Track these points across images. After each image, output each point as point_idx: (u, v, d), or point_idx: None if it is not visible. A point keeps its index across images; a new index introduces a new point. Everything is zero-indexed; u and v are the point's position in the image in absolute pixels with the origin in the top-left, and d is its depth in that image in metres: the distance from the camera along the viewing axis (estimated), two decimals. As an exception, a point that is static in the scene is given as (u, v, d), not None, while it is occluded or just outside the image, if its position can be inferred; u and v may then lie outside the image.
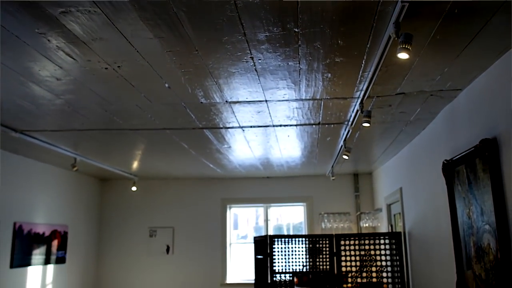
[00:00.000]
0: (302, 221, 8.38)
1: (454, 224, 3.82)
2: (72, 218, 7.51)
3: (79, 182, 7.81)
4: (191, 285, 8.09)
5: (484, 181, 3.19)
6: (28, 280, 6.31)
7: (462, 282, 3.69)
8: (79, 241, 7.71)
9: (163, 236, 8.32)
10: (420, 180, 5.08)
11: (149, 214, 8.44)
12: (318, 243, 6.13)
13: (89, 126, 4.69)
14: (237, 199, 8.44)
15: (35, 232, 6.46)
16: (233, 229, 8.61)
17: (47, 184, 6.87)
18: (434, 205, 4.56)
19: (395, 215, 6.55)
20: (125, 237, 8.41)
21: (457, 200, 3.77)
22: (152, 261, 8.26)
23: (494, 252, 3.07)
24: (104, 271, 8.32)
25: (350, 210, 8.06)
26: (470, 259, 3.52)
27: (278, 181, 8.33)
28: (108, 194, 8.59)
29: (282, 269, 6.15)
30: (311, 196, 8.23)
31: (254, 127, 4.77)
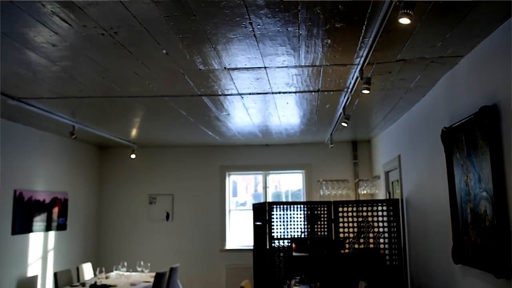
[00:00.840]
0: (301, 188, 8.44)
1: (451, 191, 3.85)
2: (72, 185, 7.56)
3: (78, 150, 7.82)
4: (191, 251, 8.22)
5: (482, 148, 3.19)
6: (30, 246, 6.40)
7: (458, 248, 3.74)
8: (79, 208, 7.79)
9: (163, 203, 8.40)
10: (419, 148, 5.09)
11: (149, 182, 8.49)
12: (317, 210, 6.19)
13: (87, 94, 4.66)
14: (236, 166, 8.48)
15: (36, 199, 6.51)
16: (232, 196, 8.68)
17: (47, 152, 6.88)
18: (432, 172, 4.58)
19: (393, 183, 6.59)
20: (125, 204, 8.48)
21: (455, 167, 3.79)
22: (152, 228, 8.37)
23: (490, 218, 3.11)
24: (105, 238, 8.43)
25: (349, 178, 8.11)
26: (467, 226, 3.56)
27: (277, 148, 8.35)
28: (108, 162, 8.62)
29: (281, 236, 6.23)
30: (310, 164, 8.26)
31: (253, 94, 4.74)
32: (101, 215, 8.50)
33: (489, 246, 3.13)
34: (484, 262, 3.24)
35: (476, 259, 3.39)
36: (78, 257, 7.59)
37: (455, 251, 3.79)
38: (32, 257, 6.44)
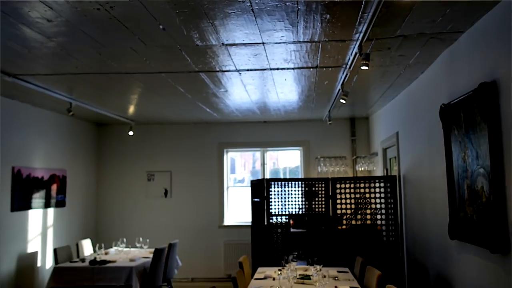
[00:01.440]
0: (299, 165, 8.47)
1: (449, 168, 3.86)
2: (70, 162, 7.56)
3: (76, 127, 7.80)
4: (189, 228, 8.29)
5: (481, 125, 3.19)
6: (30, 223, 6.44)
7: (454, 224, 3.78)
8: (78, 185, 7.81)
9: (161, 180, 8.42)
10: (417, 125, 5.09)
11: (147, 159, 8.50)
12: (314, 186, 6.22)
13: (83, 70, 4.61)
14: (234, 143, 8.48)
15: (34, 176, 6.52)
16: (230, 173, 8.71)
17: (44, 129, 6.86)
18: (430, 149, 4.59)
19: (391, 159, 6.61)
20: (124, 181, 8.51)
21: (453, 144, 3.79)
22: (150, 205, 8.41)
23: (487, 194, 3.12)
24: (104, 214, 8.48)
25: (346, 154, 8.12)
26: (463, 202, 3.58)
27: (275, 125, 8.34)
28: (105, 139, 8.61)
29: (279, 212, 6.27)
30: (308, 140, 8.27)
31: (251, 70, 4.71)
32: (99, 192, 8.53)
33: (485, 222, 3.16)
34: (480, 238, 3.27)
35: (472, 235, 3.43)
36: (77, 234, 7.65)
37: (451, 227, 3.82)
38: (32, 233, 6.49)
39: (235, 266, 7.96)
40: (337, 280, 4.48)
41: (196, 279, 8.18)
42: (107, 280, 5.47)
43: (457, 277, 3.87)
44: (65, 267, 5.56)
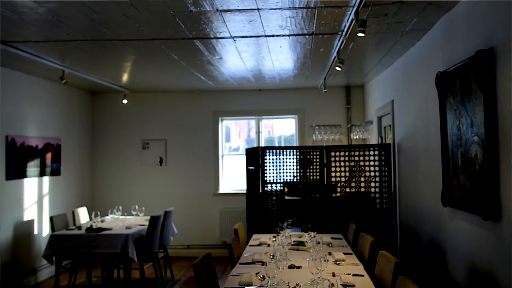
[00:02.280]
0: (294, 134, 8.48)
1: (443, 136, 3.87)
2: (64, 131, 7.53)
3: (69, 95, 7.73)
4: (184, 195, 8.34)
5: (476, 92, 3.18)
6: (25, 192, 6.45)
7: (447, 191, 3.82)
8: (72, 154, 7.80)
9: (156, 148, 8.42)
10: (413, 93, 5.07)
11: (141, 127, 8.47)
12: (309, 155, 6.24)
13: (75, 37, 4.53)
14: (229, 111, 8.45)
15: (28, 145, 6.49)
16: (225, 141, 8.71)
17: (37, 97, 6.79)
18: (425, 117, 4.59)
19: (386, 128, 6.62)
20: (118, 149, 8.50)
21: (448, 112, 3.79)
22: (145, 173, 8.43)
23: (480, 162, 3.14)
24: (99, 183, 8.51)
25: (341, 123, 8.13)
26: (457, 170, 3.61)
27: (270, 93, 8.30)
28: (99, 107, 8.56)
29: (273, 180, 6.31)
30: (303, 109, 8.25)
31: (246, 37, 4.64)
32: (94, 161, 8.53)
33: (478, 189, 3.19)
34: (472, 205, 3.31)
35: (464, 202, 3.47)
36: (73, 202, 7.69)
37: (444, 195, 3.87)
38: (28, 202, 6.51)
39: (230, 233, 8.05)
40: (331, 246, 4.54)
41: (191, 246, 8.29)
42: (104, 247, 5.54)
43: (448, 243, 3.94)
44: (62, 235, 5.61)
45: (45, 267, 6.79)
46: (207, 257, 3.58)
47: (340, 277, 3.29)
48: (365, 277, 3.39)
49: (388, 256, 3.37)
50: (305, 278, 3.22)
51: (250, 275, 3.37)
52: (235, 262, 4.09)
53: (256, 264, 3.83)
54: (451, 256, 3.88)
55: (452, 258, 3.86)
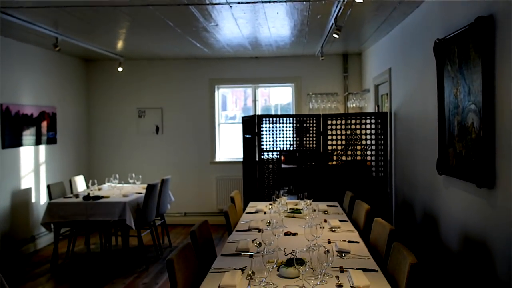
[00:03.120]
0: (290, 102, 8.44)
1: (440, 104, 3.86)
2: (59, 99, 7.47)
3: (63, 63, 7.63)
4: (181, 164, 8.36)
5: (475, 60, 3.16)
6: (22, 160, 6.45)
7: (443, 159, 3.83)
8: (68, 122, 7.76)
9: (152, 116, 8.39)
10: (410, 61, 5.03)
11: (137, 95, 8.41)
12: (306, 123, 6.24)
13: (68, 2, 4.44)
14: (225, 79, 8.39)
15: (23, 114, 6.45)
16: (222, 110, 8.68)
17: (31, 65, 6.70)
18: (422, 85, 4.57)
19: (382, 96, 6.60)
20: (114, 117, 8.46)
21: (445, 80, 3.77)
22: (142, 141, 8.43)
23: (476, 130, 3.15)
24: (95, 151, 8.50)
25: (338, 91, 8.09)
26: (453, 138, 3.62)
27: (267, 61, 8.22)
28: (95, 75, 8.47)
29: (270, 148, 6.32)
30: (300, 77, 8.19)
31: (242, 3, 4.56)
32: (90, 129, 8.50)
33: (474, 158, 3.21)
34: (467, 173, 3.33)
35: (459, 170, 3.49)
36: (70, 170, 7.70)
37: (440, 163, 3.89)
38: (24, 170, 6.52)
39: (227, 201, 8.13)
40: (326, 213, 4.59)
41: (188, 214, 8.37)
42: (101, 215, 5.58)
43: (443, 211, 3.99)
44: (59, 203, 5.64)
45: (44, 234, 6.86)
46: (204, 224, 3.61)
47: (335, 244, 3.34)
48: (360, 244, 3.44)
49: (383, 223, 3.40)
50: (301, 244, 3.26)
51: (247, 242, 3.41)
52: (232, 229, 4.14)
53: (253, 231, 3.88)
54: (445, 223, 3.93)
55: (446, 226, 3.91)
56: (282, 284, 2.55)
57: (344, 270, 2.74)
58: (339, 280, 2.56)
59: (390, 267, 2.84)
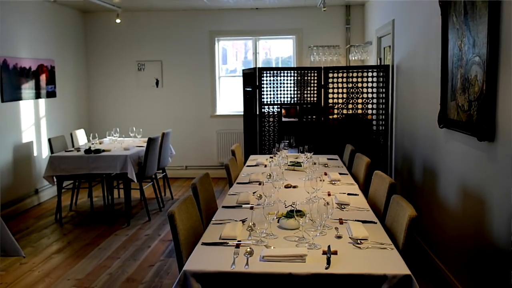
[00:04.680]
0: (291, 55, 8.33)
1: (444, 57, 3.80)
2: (57, 52, 7.36)
3: (60, 14, 7.47)
4: (181, 117, 8.35)
5: (481, 11, 3.08)
6: (22, 114, 6.43)
7: (444, 112, 3.81)
8: (67, 75, 7.69)
9: (152, 69, 8.30)
10: (414, 11, 4.91)
11: (136, 48, 8.29)
12: (306, 76, 6.18)
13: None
14: (225, 31, 8.24)
15: (21, 67, 6.38)
16: (222, 64, 8.57)
17: (26, 16, 6.57)
18: (426, 37, 4.48)
19: (385, 48, 6.49)
20: (113, 71, 8.38)
21: (450, 32, 3.69)
22: (142, 94, 8.38)
23: (480, 83, 3.11)
24: (95, 105, 8.47)
25: (340, 43, 7.96)
26: (455, 91, 3.58)
27: (268, 12, 8.05)
28: (92, 27, 8.31)
29: (271, 101, 6.28)
30: (301, 29, 8.04)
31: (242, -49, 4.41)
32: (90, 83, 8.43)
33: (475, 111, 3.19)
34: (468, 126, 3.32)
35: (461, 123, 3.48)
36: (70, 124, 7.70)
37: (441, 116, 3.87)
38: (25, 124, 6.51)
39: (227, 154, 8.18)
40: (326, 166, 4.62)
41: (189, 167, 8.44)
42: (103, 168, 5.62)
43: (442, 164, 4.01)
44: (61, 156, 5.67)
45: (47, 187, 6.94)
46: (205, 177, 3.64)
47: (335, 196, 3.37)
48: (359, 196, 3.48)
49: (383, 176, 3.43)
50: (301, 197, 3.30)
51: (248, 194, 3.44)
52: (233, 182, 4.18)
53: (253, 184, 3.92)
54: (444, 177, 3.96)
55: (445, 179, 3.94)
56: (282, 235, 2.59)
57: (344, 222, 2.79)
58: (338, 232, 2.61)
59: (389, 219, 2.88)
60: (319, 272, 2.11)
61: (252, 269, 2.16)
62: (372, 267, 2.15)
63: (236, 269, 2.16)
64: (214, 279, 2.16)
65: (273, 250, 2.33)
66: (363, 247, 2.39)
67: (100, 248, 4.93)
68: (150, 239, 5.18)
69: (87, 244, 5.05)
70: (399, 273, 2.09)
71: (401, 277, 2.07)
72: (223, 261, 2.25)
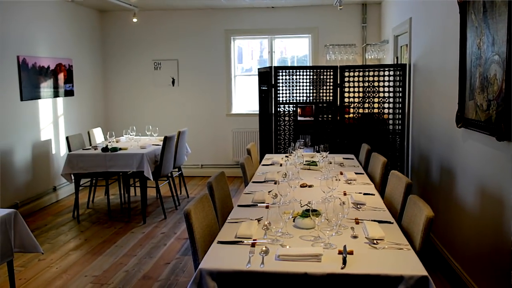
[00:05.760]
0: (307, 54, 8.30)
1: (462, 55, 3.75)
2: (75, 51, 7.45)
3: (78, 14, 7.56)
4: (197, 116, 8.38)
5: (501, 8, 3.03)
6: (40, 112, 6.53)
7: (462, 112, 3.77)
8: (84, 74, 7.77)
9: (168, 68, 8.35)
10: (432, 10, 4.86)
11: (153, 47, 8.35)
12: (322, 75, 6.15)
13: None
14: (241, 30, 8.25)
15: (40, 66, 6.47)
16: (238, 63, 8.58)
17: (45, 16, 6.66)
18: (444, 36, 4.43)
19: (402, 47, 6.43)
20: (130, 69, 8.45)
21: (468, 30, 3.65)
22: (158, 93, 8.43)
23: (499, 82, 3.07)
24: (112, 104, 8.55)
25: (356, 42, 7.91)
26: (474, 90, 3.54)
27: (284, 11, 8.04)
28: (110, 27, 8.39)
29: (286, 100, 6.27)
30: (317, 27, 8.01)
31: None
32: (107, 81, 8.52)
33: (494, 110, 3.14)
34: (487, 126, 3.28)
35: (479, 123, 3.43)
36: (87, 123, 7.79)
37: (459, 115, 3.82)
38: (44, 122, 6.61)
39: (242, 153, 8.19)
40: (342, 166, 4.60)
41: (205, 166, 8.47)
42: (120, 167, 5.67)
43: (460, 164, 3.96)
44: (79, 154, 5.73)
45: (65, 185, 7.03)
46: (220, 175, 3.65)
47: (351, 196, 3.36)
48: (375, 196, 3.46)
49: (400, 176, 3.40)
50: (316, 196, 3.29)
51: (263, 193, 3.45)
52: (248, 181, 4.18)
53: (269, 183, 3.92)
54: (462, 177, 3.91)
55: (463, 179, 3.89)
56: (298, 234, 2.59)
57: (359, 222, 2.78)
58: (354, 232, 2.59)
59: (406, 219, 2.86)
60: (334, 272, 2.11)
61: (268, 268, 2.16)
62: (389, 268, 2.14)
63: (251, 268, 2.17)
64: (230, 278, 2.16)
65: (288, 250, 2.33)
66: (379, 247, 2.38)
67: (117, 245, 4.98)
68: (166, 237, 5.22)
69: (104, 241, 5.10)
70: (416, 274, 2.07)
71: (418, 278, 2.05)
72: (239, 260, 2.25)
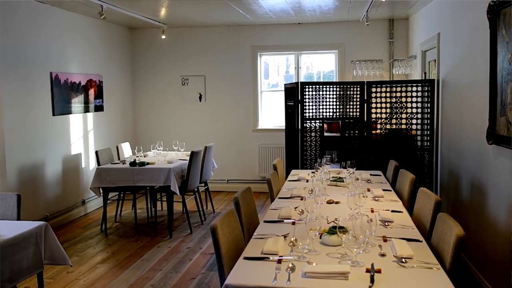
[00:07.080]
0: (333, 70, 8.29)
1: (492, 71, 3.69)
2: (105, 67, 7.63)
3: (108, 31, 7.75)
4: (224, 131, 8.44)
5: (532, 24, 2.98)
6: (71, 127, 6.68)
7: (493, 128, 3.69)
8: (114, 90, 7.94)
9: (195, 84, 8.45)
10: (461, 25, 4.81)
11: (180, 63, 8.48)
12: (349, 90, 6.13)
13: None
14: (267, 46, 8.31)
15: (72, 82, 6.64)
16: (264, 78, 8.63)
17: (77, 33, 6.85)
18: (473, 51, 4.37)
19: (430, 62, 6.37)
20: (158, 85, 8.59)
21: (499, 45, 3.59)
22: (185, 109, 8.53)
23: (531, 98, 3.00)
24: (140, 119, 8.69)
25: (383, 57, 7.87)
26: (505, 106, 3.47)
27: (310, 27, 8.07)
28: (139, 43, 8.57)
29: (313, 116, 6.26)
30: (343, 43, 8.01)
31: (286, -32, 4.46)
32: (135, 97, 8.67)
33: (527, 127, 3.07)
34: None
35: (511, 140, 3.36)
36: (116, 137, 7.93)
37: (490, 132, 3.75)
38: (74, 137, 6.76)
39: (269, 168, 8.18)
40: (369, 182, 4.55)
41: (231, 181, 8.49)
42: (147, 181, 5.74)
43: (491, 182, 3.87)
44: (107, 168, 5.84)
45: (93, 198, 7.15)
46: (247, 191, 3.65)
47: (378, 213, 3.31)
48: (403, 213, 3.40)
49: (429, 194, 3.34)
50: (343, 213, 3.26)
51: (289, 209, 3.43)
52: (274, 197, 4.17)
53: (295, 199, 3.90)
54: (493, 195, 3.82)
55: (494, 197, 3.80)
56: (325, 251, 2.57)
57: (387, 240, 2.73)
58: (382, 249, 2.55)
59: (435, 238, 2.80)
60: (362, 291, 2.08)
61: (294, 285, 2.14)
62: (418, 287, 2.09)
63: (277, 285, 2.15)
64: (256, 294, 2.15)
65: (315, 267, 2.30)
66: (407, 266, 2.33)
67: (143, 259, 5.02)
68: (191, 252, 5.24)
69: (131, 255, 5.15)
70: (446, 294, 2.02)
71: (448, 298, 2.01)
72: (265, 276, 2.24)
